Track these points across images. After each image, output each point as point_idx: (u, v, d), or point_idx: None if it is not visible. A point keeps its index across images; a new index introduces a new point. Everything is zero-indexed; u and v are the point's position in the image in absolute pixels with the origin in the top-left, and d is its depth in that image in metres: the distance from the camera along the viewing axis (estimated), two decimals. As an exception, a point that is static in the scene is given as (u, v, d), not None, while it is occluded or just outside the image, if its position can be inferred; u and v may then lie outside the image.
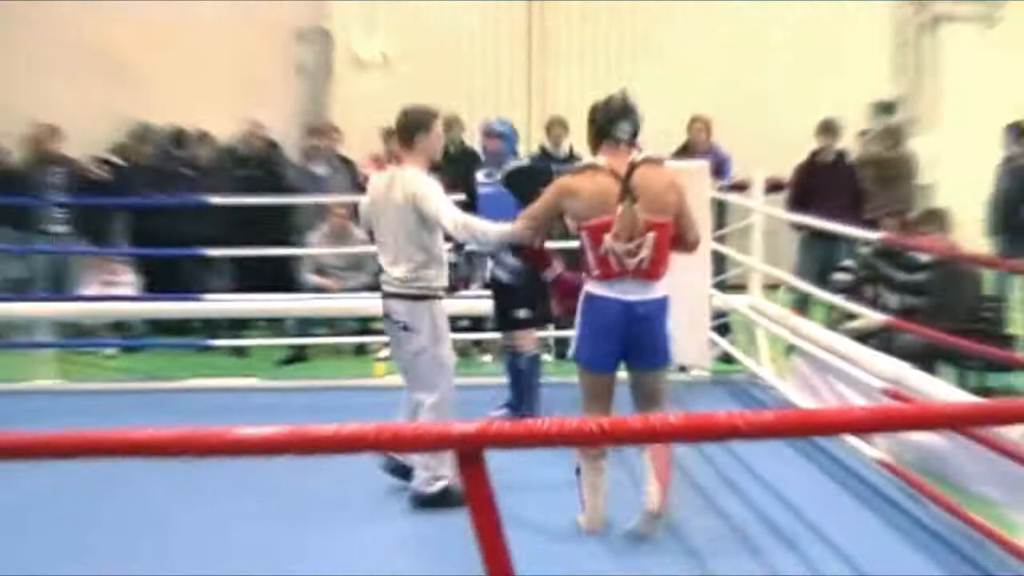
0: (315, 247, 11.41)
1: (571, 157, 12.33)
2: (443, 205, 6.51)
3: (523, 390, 8.38)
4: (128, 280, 11.98)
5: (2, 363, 11.13)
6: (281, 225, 12.06)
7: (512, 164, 8.42)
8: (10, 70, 14.29)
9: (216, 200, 10.70)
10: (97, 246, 12.43)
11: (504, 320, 8.43)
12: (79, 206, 11.99)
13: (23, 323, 11.39)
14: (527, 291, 8.18)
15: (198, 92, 14.32)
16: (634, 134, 6.17)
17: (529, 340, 8.39)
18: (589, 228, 6.05)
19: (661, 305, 6.15)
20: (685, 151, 11.70)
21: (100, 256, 12.20)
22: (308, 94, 14.58)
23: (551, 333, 10.90)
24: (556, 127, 12.25)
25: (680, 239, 6.22)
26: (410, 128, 6.76)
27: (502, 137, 8.35)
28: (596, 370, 6.23)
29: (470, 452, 2.40)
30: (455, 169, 11.35)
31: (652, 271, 6.06)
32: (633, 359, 6.22)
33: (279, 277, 11.76)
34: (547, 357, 11.17)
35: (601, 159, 6.15)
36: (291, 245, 11.87)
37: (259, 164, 12.26)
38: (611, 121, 6.14)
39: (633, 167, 6.03)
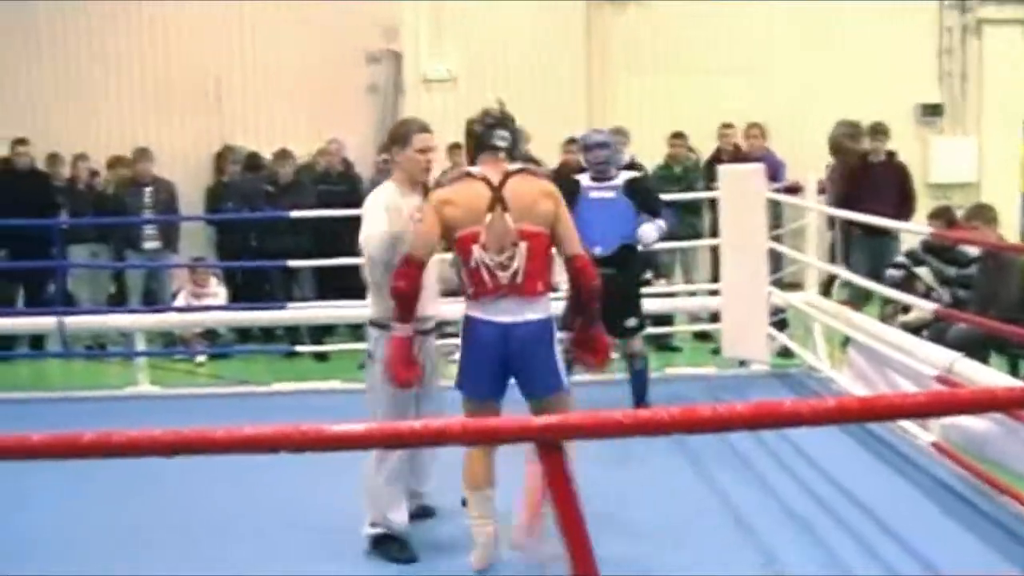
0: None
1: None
2: (366, 223, 5.93)
3: (644, 388, 8.45)
4: (216, 291, 12.14)
5: (101, 371, 11.37)
6: (357, 237, 12.15)
7: (628, 173, 8.49)
8: (108, 97, 14.53)
9: (296, 214, 10.83)
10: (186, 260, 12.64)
11: (614, 329, 8.05)
12: (169, 223, 12.24)
13: (120, 333, 11.57)
14: (630, 298, 8.23)
15: (279, 114, 14.50)
16: (512, 144, 5.67)
17: (640, 343, 8.47)
18: (460, 239, 5.48)
19: (543, 326, 5.53)
20: (736, 157, 11.70)
21: (190, 269, 12.37)
22: (380, 113, 14.66)
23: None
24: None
25: (561, 252, 5.67)
26: (388, 142, 6.33)
27: (606, 147, 8.29)
28: (477, 398, 5.60)
29: (549, 443, 2.43)
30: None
31: (528, 286, 5.46)
32: (523, 386, 5.65)
33: (356, 286, 11.87)
34: (614, 355, 11.21)
35: (476, 168, 5.61)
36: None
37: (336, 180, 12.38)
38: (489, 129, 5.62)
39: (507, 176, 5.51)
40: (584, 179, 8.32)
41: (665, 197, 11.67)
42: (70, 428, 2.51)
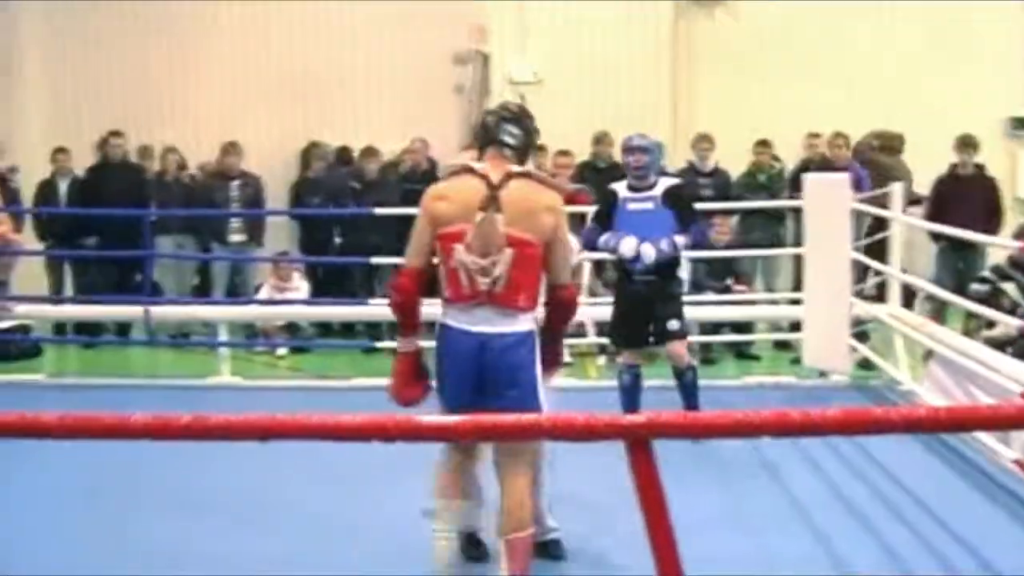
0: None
1: (716, 171, 12.35)
2: None
3: (694, 399, 8.23)
4: (299, 285, 12.26)
5: (185, 360, 11.52)
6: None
7: (667, 181, 8.25)
8: (199, 91, 14.74)
9: (380, 211, 10.92)
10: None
11: (656, 333, 8.14)
12: (255, 216, 12.41)
13: (203, 324, 11.73)
14: (670, 301, 8.07)
15: (364, 112, 14.61)
16: (525, 143, 5.18)
17: (685, 350, 8.20)
18: (443, 236, 5.02)
19: (522, 340, 5.01)
20: (823, 167, 11.63)
21: (274, 263, 12.51)
22: (466, 113, 14.72)
23: (696, 339, 10.93)
24: (702, 142, 12.32)
25: (549, 275, 5.11)
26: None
27: (645, 151, 8.03)
28: (455, 411, 4.86)
29: (639, 440, 2.45)
30: (605, 182, 11.45)
31: (508, 296, 4.95)
32: (490, 403, 4.90)
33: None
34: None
35: (480, 163, 5.15)
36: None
37: (420, 179, 12.46)
38: (500, 122, 5.19)
39: (510, 176, 5.04)
40: (621, 189, 8.14)
41: (747, 205, 11.70)
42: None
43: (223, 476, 6.93)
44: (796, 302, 10.72)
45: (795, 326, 10.86)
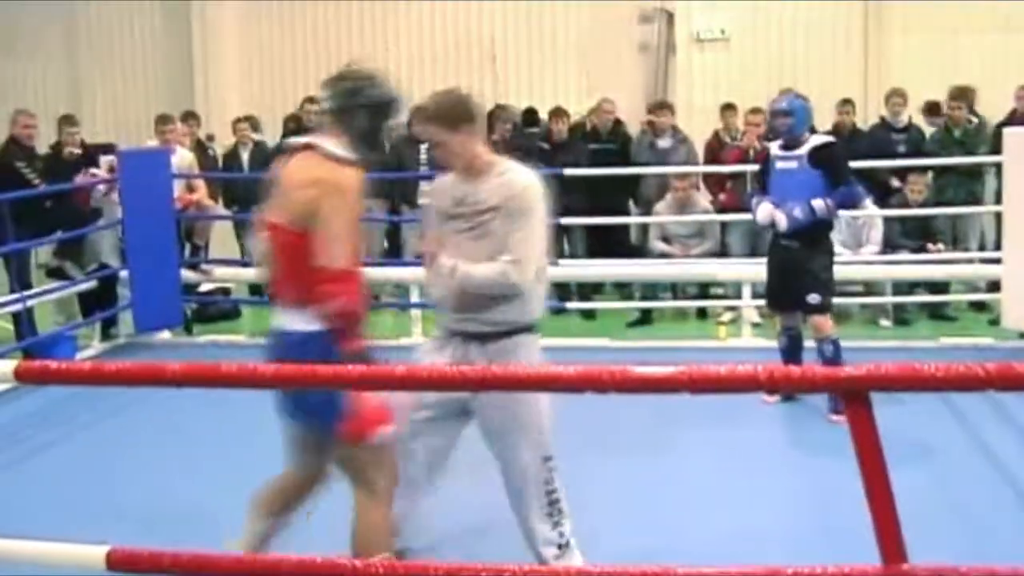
0: (660, 216, 11.48)
1: (910, 127, 12.03)
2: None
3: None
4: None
5: (376, 321, 11.71)
6: (627, 196, 12.33)
7: (816, 139, 7.94)
8: (388, 58, 14.97)
9: (569, 172, 10.93)
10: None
11: (797, 304, 7.92)
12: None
13: (395, 286, 11.92)
14: (813, 273, 7.78)
15: (551, 73, 14.66)
16: (338, 107, 4.40)
17: (826, 324, 7.84)
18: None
19: (304, 342, 4.22)
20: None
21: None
22: (651, 72, 14.65)
23: (889, 300, 10.73)
24: (894, 97, 12.02)
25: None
26: (466, 119, 4.81)
27: (789, 114, 7.76)
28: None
29: (857, 394, 2.42)
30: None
31: (277, 288, 4.42)
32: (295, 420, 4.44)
33: (627, 244, 12.01)
34: (886, 323, 10.96)
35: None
36: (638, 214, 12.14)
37: (607, 139, 12.43)
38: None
39: (294, 151, 4.49)
40: (774, 147, 7.97)
41: (940, 161, 11.32)
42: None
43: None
44: (994, 261, 10.40)
45: (992, 286, 10.55)
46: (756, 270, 10.16)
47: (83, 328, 10.38)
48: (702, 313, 11.57)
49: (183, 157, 10.93)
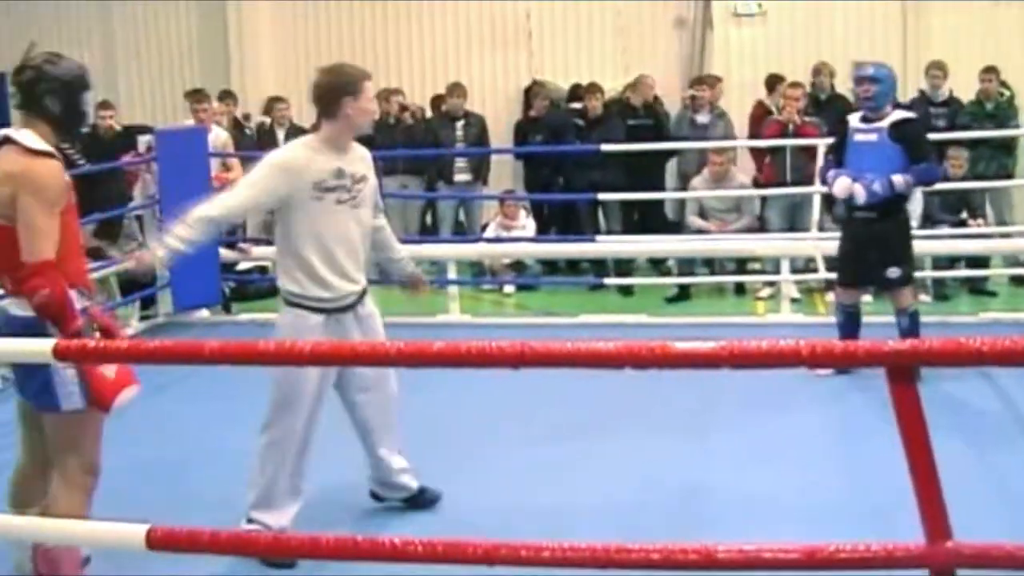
0: (697, 191, 11.42)
1: (950, 101, 11.88)
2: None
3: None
4: (525, 224, 12.33)
5: (415, 299, 11.69)
6: (666, 170, 12.30)
7: (898, 114, 7.81)
8: (423, 33, 14.99)
9: (606, 148, 10.89)
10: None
11: (876, 279, 7.93)
12: (480, 155, 12.53)
13: (432, 263, 11.92)
14: (892, 247, 7.72)
15: (586, 49, 14.59)
16: (25, 100, 4.42)
17: (906, 296, 7.82)
18: None
19: (21, 326, 4.31)
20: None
21: (500, 201, 12.61)
22: (688, 47, 14.53)
23: (929, 274, 10.62)
24: (933, 70, 11.88)
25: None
26: (331, 91, 5.13)
27: (876, 81, 7.63)
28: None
29: (902, 368, 2.38)
30: (828, 116, 11.18)
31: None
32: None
33: (664, 220, 11.97)
34: (925, 298, 10.86)
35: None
36: (675, 189, 12.09)
37: (644, 114, 12.36)
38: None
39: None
40: (854, 120, 7.84)
41: (974, 134, 11.15)
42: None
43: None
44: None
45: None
46: (794, 245, 10.14)
47: (122, 307, 10.42)
48: (740, 289, 11.48)
49: (218, 136, 10.92)
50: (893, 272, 7.66)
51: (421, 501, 5.73)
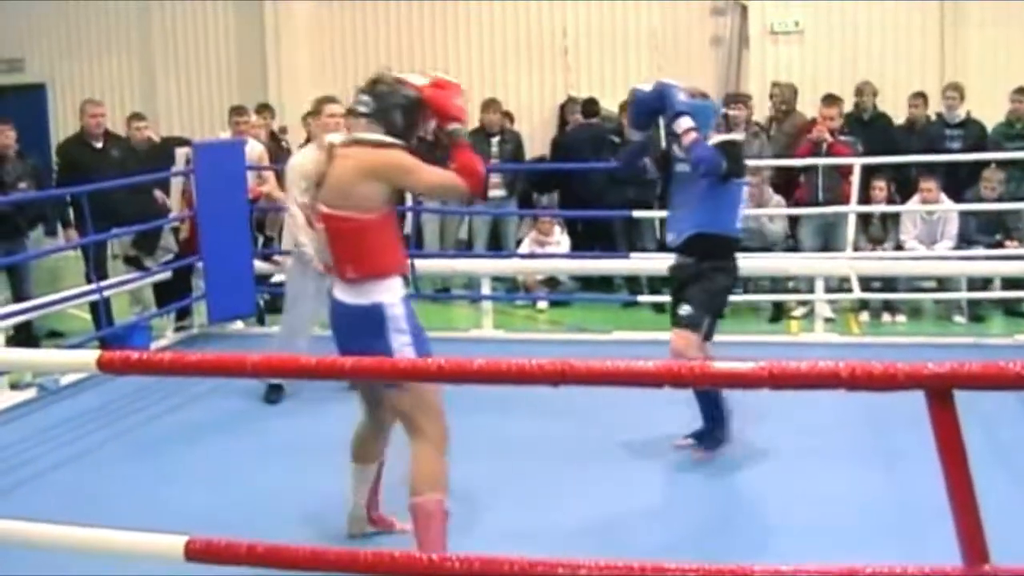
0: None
1: (966, 123, 11.78)
2: None
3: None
4: (559, 240, 12.33)
5: (447, 314, 11.76)
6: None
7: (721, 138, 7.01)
8: (460, 50, 15.08)
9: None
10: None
11: None
12: (513, 172, 12.56)
13: (466, 278, 11.94)
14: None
15: (623, 66, 14.64)
16: (380, 111, 4.87)
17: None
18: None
19: (365, 313, 4.82)
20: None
21: (534, 217, 12.62)
22: (723, 65, 14.56)
23: (964, 295, 10.56)
24: (949, 91, 11.79)
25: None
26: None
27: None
28: None
29: (941, 391, 2.39)
30: (871, 135, 11.15)
31: (340, 269, 4.89)
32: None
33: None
34: (960, 319, 10.81)
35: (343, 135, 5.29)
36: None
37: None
38: (358, 93, 5.00)
39: (333, 148, 5.03)
40: None
41: (992, 156, 11.04)
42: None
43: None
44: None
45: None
46: (829, 264, 10.12)
47: (157, 318, 10.48)
48: (777, 308, 11.40)
49: (253, 148, 10.97)
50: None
51: None
